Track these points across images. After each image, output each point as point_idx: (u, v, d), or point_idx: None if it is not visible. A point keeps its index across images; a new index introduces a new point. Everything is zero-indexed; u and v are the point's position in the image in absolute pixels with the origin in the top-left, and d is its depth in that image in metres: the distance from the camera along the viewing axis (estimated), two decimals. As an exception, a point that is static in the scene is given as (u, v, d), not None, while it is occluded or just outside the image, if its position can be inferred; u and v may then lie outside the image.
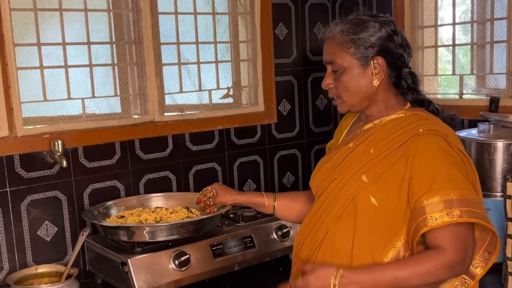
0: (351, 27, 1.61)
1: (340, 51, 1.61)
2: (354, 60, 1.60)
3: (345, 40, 1.61)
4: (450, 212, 1.45)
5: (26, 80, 2.36)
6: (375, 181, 1.56)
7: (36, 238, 2.35)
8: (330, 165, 1.70)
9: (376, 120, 1.66)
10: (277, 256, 2.35)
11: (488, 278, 2.13)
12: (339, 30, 1.63)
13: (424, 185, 1.49)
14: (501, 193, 2.13)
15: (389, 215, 1.54)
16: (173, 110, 2.76)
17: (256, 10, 2.90)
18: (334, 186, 1.64)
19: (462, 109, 2.68)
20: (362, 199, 1.57)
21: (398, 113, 1.65)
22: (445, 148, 1.53)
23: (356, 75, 1.61)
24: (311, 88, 3.18)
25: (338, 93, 1.65)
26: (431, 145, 1.53)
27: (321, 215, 1.65)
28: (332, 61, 1.63)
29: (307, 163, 3.19)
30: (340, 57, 1.61)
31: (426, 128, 1.56)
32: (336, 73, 1.63)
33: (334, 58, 1.63)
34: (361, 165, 1.60)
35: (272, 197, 1.96)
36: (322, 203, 1.66)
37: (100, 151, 2.48)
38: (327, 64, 1.66)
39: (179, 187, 2.73)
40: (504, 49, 2.57)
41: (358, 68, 1.61)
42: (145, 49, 2.58)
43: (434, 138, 1.54)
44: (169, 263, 2.08)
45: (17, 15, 2.30)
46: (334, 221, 1.62)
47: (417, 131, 1.56)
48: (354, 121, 1.80)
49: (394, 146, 1.57)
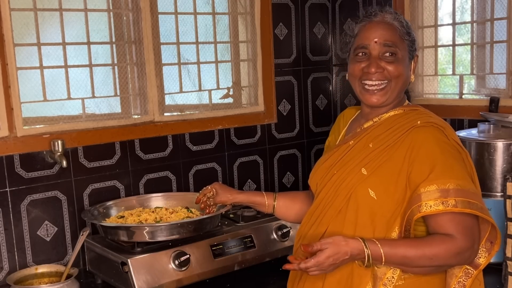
0: (403, 20, 1.65)
1: (400, 40, 1.63)
2: (407, 52, 1.64)
3: (402, 31, 1.63)
4: (445, 201, 1.47)
5: (26, 80, 2.36)
6: (373, 173, 1.57)
7: (36, 238, 2.35)
8: (330, 163, 1.71)
9: (376, 118, 1.68)
10: (277, 256, 2.35)
11: (488, 278, 2.13)
12: (396, 19, 1.64)
13: (423, 174, 1.51)
14: (501, 193, 2.13)
15: (387, 207, 1.55)
16: (173, 110, 2.76)
17: (256, 10, 2.90)
18: (334, 181, 1.65)
19: (462, 109, 2.68)
20: (361, 192, 1.58)
21: (396, 110, 1.67)
22: (442, 139, 1.55)
23: (407, 66, 1.65)
24: (311, 88, 3.18)
25: (389, 77, 1.62)
26: (429, 135, 1.55)
27: (322, 210, 1.67)
28: (392, 46, 1.61)
29: (307, 163, 3.19)
30: (400, 45, 1.62)
31: (424, 120, 1.59)
32: (388, 58, 1.61)
33: (396, 45, 1.62)
34: (360, 159, 1.61)
35: (272, 197, 1.96)
36: (323, 199, 1.68)
37: (100, 151, 2.48)
38: (384, 46, 1.61)
39: (179, 187, 2.73)
40: (504, 49, 2.57)
41: (407, 61, 1.65)
42: (145, 49, 2.58)
43: (432, 130, 1.56)
44: (169, 263, 2.08)
45: (17, 15, 2.30)
46: (335, 216, 1.63)
47: (415, 123, 1.58)
48: (353, 120, 1.81)
49: (392, 138, 1.59)
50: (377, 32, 1.62)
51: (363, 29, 1.65)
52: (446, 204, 1.46)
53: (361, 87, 1.65)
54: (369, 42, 1.62)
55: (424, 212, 1.48)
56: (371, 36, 1.62)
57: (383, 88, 1.62)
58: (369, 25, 1.64)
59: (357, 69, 1.64)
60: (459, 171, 1.52)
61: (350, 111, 1.86)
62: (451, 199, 1.46)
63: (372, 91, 1.63)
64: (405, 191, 1.54)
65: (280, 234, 2.35)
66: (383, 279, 1.55)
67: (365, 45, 1.63)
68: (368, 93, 1.63)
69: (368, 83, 1.62)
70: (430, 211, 1.47)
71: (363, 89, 1.64)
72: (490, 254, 1.59)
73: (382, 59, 1.61)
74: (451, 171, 1.51)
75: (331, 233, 1.62)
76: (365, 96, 1.65)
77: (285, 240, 2.36)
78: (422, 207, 1.48)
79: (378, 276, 1.55)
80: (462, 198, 1.47)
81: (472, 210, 1.48)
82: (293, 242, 2.32)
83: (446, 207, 1.46)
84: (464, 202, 1.47)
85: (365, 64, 1.62)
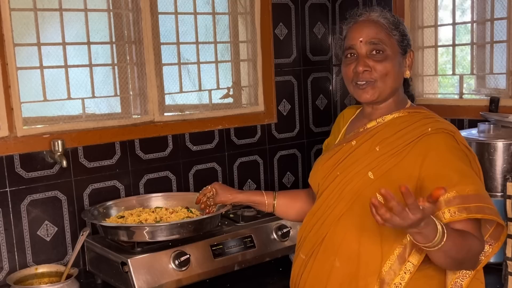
0: (391, 16, 1.64)
1: (388, 36, 1.62)
2: (398, 47, 1.63)
3: (390, 27, 1.62)
4: (468, 207, 1.46)
5: (26, 80, 2.36)
6: (381, 178, 1.56)
7: (36, 238, 2.35)
8: (332, 163, 1.69)
9: (379, 119, 1.66)
10: (277, 256, 2.35)
11: (488, 278, 2.13)
12: (382, 16, 1.63)
13: (438, 181, 1.47)
14: (501, 193, 2.13)
15: None
16: (173, 110, 2.76)
17: (256, 10, 2.90)
18: (337, 183, 1.64)
19: (462, 109, 2.68)
20: (369, 197, 1.56)
21: (400, 111, 1.65)
22: (454, 145, 1.55)
23: (397, 63, 1.63)
24: (311, 88, 3.18)
25: (376, 77, 1.61)
26: (442, 143, 1.54)
27: (324, 212, 1.65)
28: (378, 43, 1.60)
29: (307, 163, 3.19)
30: (388, 42, 1.61)
31: (434, 127, 1.57)
32: (376, 56, 1.61)
33: (382, 41, 1.61)
34: (367, 162, 1.59)
35: (272, 196, 1.96)
36: (325, 200, 1.66)
37: (100, 151, 2.48)
38: (369, 44, 1.61)
39: (179, 187, 2.73)
40: (504, 49, 2.57)
41: (399, 57, 1.63)
42: (145, 49, 2.58)
43: (443, 137, 1.55)
44: (169, 263, 2.08)
45: (17, 15, 2.30)
46: (337, 219, 1.61)
47: (425, 130, 1.56)
48: (353, 119, 1.79)
49: (402, 144, 1.57)
50: (362, 31, 1.62)
51: (350, 30, 1.67)
52: (469, 210, 1.46)
53: (354, 87, 1.66)
54: (355, 42, 1.63)
55: (450, 219, 1.45)
56: (356, 36, 1.63)
57: (370, 86, 1.62)
58: (355, 26, 1.66)
59: (349, 71, 1.65)
60: (473, 177, 1.52)
61: (350, 110, 1.85)
62: (473, 205, 1.46)
63: (364, 88, 1.63)
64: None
65: (280, 234, 2.35)
66: (390, 285, 1.53)
67: (351, 45, 1.64)
68: (360, 90, 1.64)
69: (359, 82, 1.63)
70: (455, 217, 1.45)
71: (356, 87, 1.65)
72: (487, 256, 1.59)
73: (370, 57, 1.61)
74: (467, 177, 1.50)
75: (333, 236, 1.61)
76: (358, 93, 1.65)
77: (285, 240, 2.36)
78: (445, 213, 1.46)
79: (386, 282, 1.54)
80: (481, 204, 1.47)
81: (492, 216, 1.48)
82: (293, 242, 2.33)
83: (469, 213, 1.46)
84: (484, 208, 1.47)
85: (354, 65, 1.63)
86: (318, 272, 1.64)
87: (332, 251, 1.61)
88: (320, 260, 1.64)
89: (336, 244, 1.61)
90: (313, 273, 1.65)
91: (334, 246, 1.61)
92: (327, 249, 1.63)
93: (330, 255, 1.62)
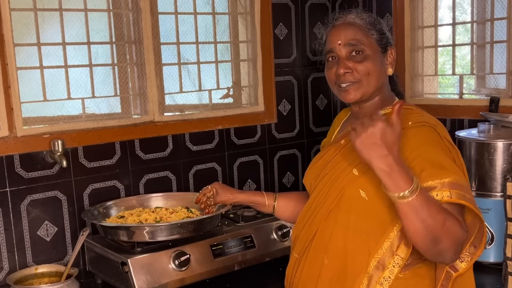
0: (368, 16, 1.66)
1: (366, 36, 1.64)
2: (377, 46, 1.65)
3: (367, 27, 1.64)
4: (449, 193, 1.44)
5: (26, 80, 2.36)
6: (364, 174, 1.56)
7: (36, 238, 2.35)
8: (322, 162, 1.72)
9: (366, 117, 1.67)
10: (277, 256, 2.35)
11: (488, 278, 2.14)
12: (358, 17, 1.66)
13: (418, 172, 1.47)
14: (501, 193, 2.13)
15: (380, 207, 1.54)
16: (173, 110, 2.76)
17: (256, 10, 2.90)
18: (326, 181, 1.66)
19: (462, 109, 2.68)
20: (352, 193, 1.58)
21: (386, 109, 1.66)
22: (435, 138, 1.55)
23: (379, 61, 1.65)
24: (311, 88, 3.18)
25: (358, 78, 1.63)
26: (421, 135, 1.54)
27: (314, 210, 1.67)
28: (356, 44, 1.62)
29: (307, 163, 3.17)
30: (366, 42, 1.63)
31: (415, 120, 1.58)
32: (356, 57, 1.63)
33: (360, 42, 1.63)
34: (352, 160, 1.60)
35: (272, 197, 1.96)
36: (315, 199, 1.68)
37: (100, 151, 2.48)
38: (348, 46, 1.63)
39: (179, 187, 2.73)
40: (504, 49, 2.57)
41: (379, 55, 1.65)
42: (145, 49, 2.58)
43: (424, 130, 1.56)
44: (169, 263, 2.08)
45: (17, 15, 2.30)
46: (326, 216, 1.63)
47: (406, 124, 1.56)
48: (346, 119, 1.82)
49: None
50: (340, 34, 1.65)
51: (328, 34, 1.70)
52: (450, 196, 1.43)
53: (337, 89, 1.68)
54: (334, 45, 1.66)
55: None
56: (335, 39, 1.66)
57: (353, 87, 1.64)
58: (333, 29, 1.69)
59: (331, 74, 1.67)
60: (453, 167, 1.51)
61: (345, 111, 1.88)
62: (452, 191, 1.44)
63: (347, 90, 1.65)
64: None
65: (280, 234, 2.35)
66: (379, 280, 1.54)
67: (331, 48, 1.67)
68: (343, 92, 1.66)
69: (342, 85, 1.65)
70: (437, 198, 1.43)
71: (339, 89, 1.67)
72: (472, 259, 1.58)
73: (350, 59, 1.63)
74: (447, 167, 1.49)
75: (322, 234, 1.63)
76: (342, 95, 1.67)
77: (285, 240, 2.36)
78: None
79: (374, 277, 1.54)
80: (457, 191, 1.46)
81: (465, 202, 1.46)
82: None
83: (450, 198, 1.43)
84: (460, 194, 1.46)
85: (336, 68, 1.65)
86: (309, 270, 1.66)
87: (322, 249, 1.63)
88: (311, 258, 1.66)
89: (324, 242, 1.63)
90: (305, 271, 1.67)
91: (323, 244, 1.63)
92: (317, 246, 1.65)
93: (320, 253, 1.63)
